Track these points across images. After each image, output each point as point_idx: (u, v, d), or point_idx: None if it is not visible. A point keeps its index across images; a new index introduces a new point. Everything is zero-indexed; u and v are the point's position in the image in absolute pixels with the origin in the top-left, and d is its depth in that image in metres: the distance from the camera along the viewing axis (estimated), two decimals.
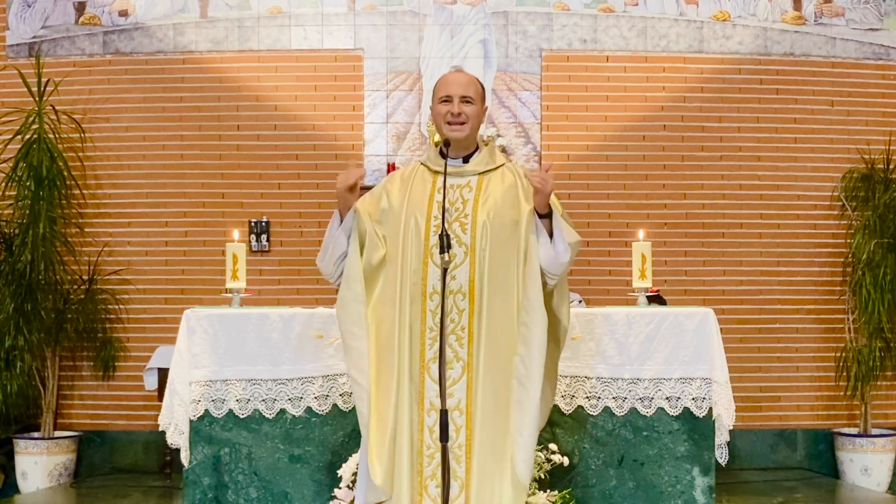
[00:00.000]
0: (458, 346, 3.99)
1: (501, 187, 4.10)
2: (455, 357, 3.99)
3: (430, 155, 4.21)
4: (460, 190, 4.09)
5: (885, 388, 7.95)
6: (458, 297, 3.99)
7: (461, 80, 4.17)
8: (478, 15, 8.13)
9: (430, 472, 3.96)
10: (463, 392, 3.97)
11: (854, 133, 8.05)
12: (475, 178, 4.12)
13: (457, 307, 3.99)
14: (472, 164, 4.14)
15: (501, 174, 4.16)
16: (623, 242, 7.50)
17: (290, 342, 4.84)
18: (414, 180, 4.15)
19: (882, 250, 7.68)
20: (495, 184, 4.11)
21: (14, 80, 7.84)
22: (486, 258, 4.01)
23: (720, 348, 4.82)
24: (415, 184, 4.14)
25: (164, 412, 4.80)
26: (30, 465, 7.46)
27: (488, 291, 4.00)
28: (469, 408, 3.97)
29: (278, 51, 8.11)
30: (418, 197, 4.10)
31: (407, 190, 4.13)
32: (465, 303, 3.99)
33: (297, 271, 7.94)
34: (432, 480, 3.95)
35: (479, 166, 4.14)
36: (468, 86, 4.13)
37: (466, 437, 3.96)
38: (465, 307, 3.99)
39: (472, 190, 4.10)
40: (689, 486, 4.83)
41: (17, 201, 7.68)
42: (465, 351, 3.99)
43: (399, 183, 4.18)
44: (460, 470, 3.96)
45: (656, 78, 8.11)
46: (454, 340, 3.99)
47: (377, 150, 8.05)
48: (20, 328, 7.41)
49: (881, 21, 8.15)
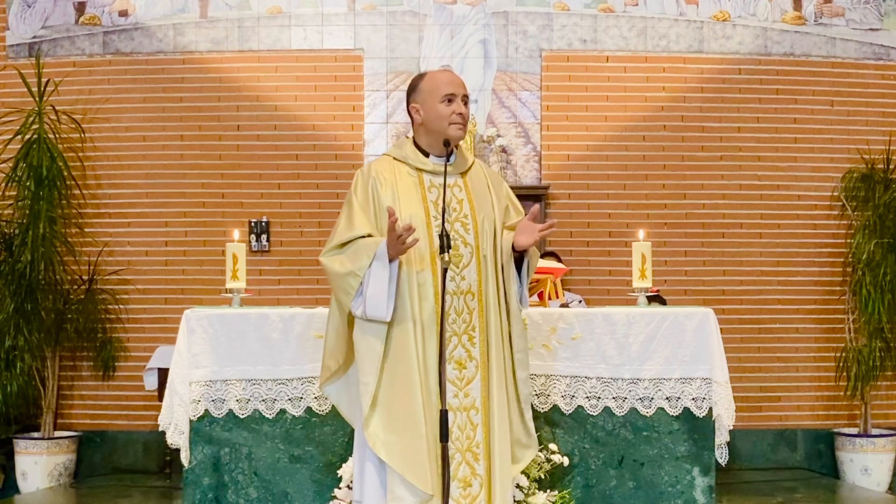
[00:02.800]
0: (470, 345, 3.99)
1: (482, 187, 4.14)
2: (468, 356, 3.99)
3: (406, 151, 4.12)
4: (451, 189, 4.07)
5: (885, 388, 7.95)
6: (469, 297, 3.99)
7: (459, 79, 4.15)
8: (478, 15, 8.13)
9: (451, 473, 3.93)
10: (478, 391, 3.98)
11: (854, 133, 8.05)
12: (459, 177, 4.12)
13: (467, 307, 3.99)
14: (457, 164, 4.13)
15: (476, 173, 4.17)
16: (623, 242, 7.51)
17: (290, 342, 4.83)
18: (398, 179, 4.07)
19: (882, 250, 7.68)
20: (477, 183, 4.13)
21: (14, 80, 7.84)
22: (487, 257, 4.03)
23: (720, 348, 4.82)
24: (400, 183, 4.06)
25: (164, 412, 4.80)
26: (30, 465, 7.46)
27: (492, 290, 4.02)
28: (486, 406, 3.98)
29: (278, 51, 8.11)
30: (408, 196, 4.04)
31: (392, 190, 4.05)
32: (474, 302, 3.99)
33: (297, 271, 7.94)
34: (453, 482, 3.93)
35: (460, 166, 4.14)
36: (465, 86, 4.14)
37: (484, 435, 3.97)
38: (476, 307, 3.99)
39: (461, 189, 4.09)
40: (689, 486, 4.83)
41: (17, 201, 7.69)
42: (478, 350, 3.99)
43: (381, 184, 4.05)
44: (480, 468, 3.96)
45: (656, 78, 8.11)
46: (466, 340, 3.99)
47: (377, 150, 8.05)
48: (20, 328, 7.42)
49: (881, 21, 8.15)
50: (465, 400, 3.96)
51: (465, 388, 3.97)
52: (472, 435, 3.96)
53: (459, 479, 3.95)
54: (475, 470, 3.96)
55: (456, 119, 4.04)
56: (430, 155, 4.11)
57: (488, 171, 4.26)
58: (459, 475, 3.95)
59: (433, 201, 4.03)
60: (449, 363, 3.96)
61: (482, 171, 4.21)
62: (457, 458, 3.95)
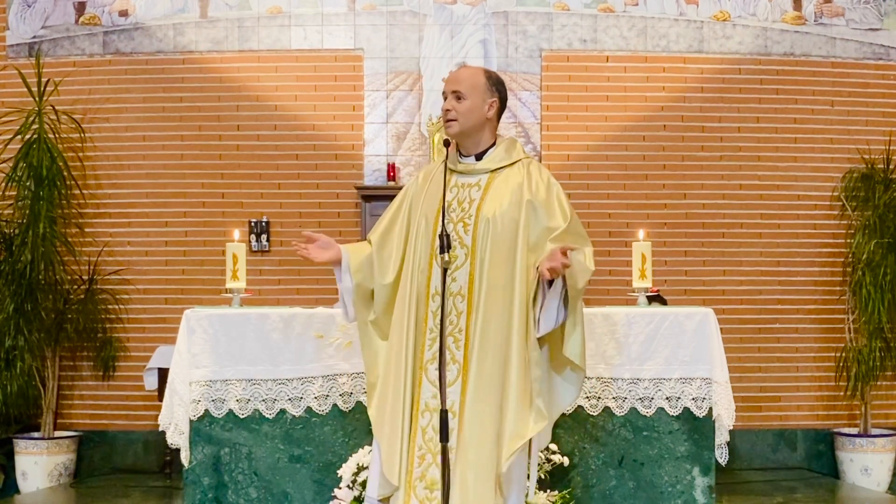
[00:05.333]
0: (454, 348, 3.96)
1: (509, 186, 4.00)
2: (451, 359, 3.95)
3: (450, 152, 4.13)
4: (469, 189, 4.04)
5: (885, 388, 7.95)
6: (458, 298, 3.96)
7: (454, 75, 4.10)
8: (478, 15, 8.13)
9: (419, 473, 3.91)
10: (457, 395, 3.92)
11: (854, 133, 8.05)
12: (486, 176, 4.04)
13: (455, 309, 3.96)
14: (484, 162, 4.06)
15: (516, 171, 4.04)
16: (623, 242, 7.51)
17: (290, 342, 4.83)
18: (433, 179, 4.13)
19: (882, 250, 7.68)
20: (504, 182, 4.01)
21: (14, 80, 7.84)
22: (485, 260, 3.94)
23: (720, 348, 4.82)
24: (432, 183, 4.12)
25: (164, 412, 4.80)
26: (30, 465, 7.46)
27: (485, 293, 3.93)
28: (462, 411, 3.90)
29: (278, 51, 8.11)
30: (431, 196, 4.07)
31: (424, 189, 4.12)
32: (463, 304, 3.95)
33: (297, 271, 7.94)
34: (420, 482, 3.90)
35: (490, 164, 4.05)
36: (460, 81, 4.04)
37: (458, 439, 3.89)
38: (464, 309, 3.95)
39: (479, 189, 4.03)
40: (689, 486, 4.83)
41: (17, 201, 7.68)
42: (461, 353, 3.95)
43: (421, 181, 4.18)
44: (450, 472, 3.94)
45: (656, 78, 8.11)
46: (451, 342, 3.96)
47: (377, 150, 8.05)
48: (20, 328, 7.42)
49: (881, 21, 8.15)
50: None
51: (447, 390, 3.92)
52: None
53: (427, 480, 3.91)
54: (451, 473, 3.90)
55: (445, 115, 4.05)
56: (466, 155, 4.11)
57: (535, 171, 4.07)
58: (427, 476, 3.91)
59: (449, 201, 4.01)
60: (432, 363, 3.95)
61: (525, 170, 4.05)
62: (427, 458, 3.92)
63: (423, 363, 3.96)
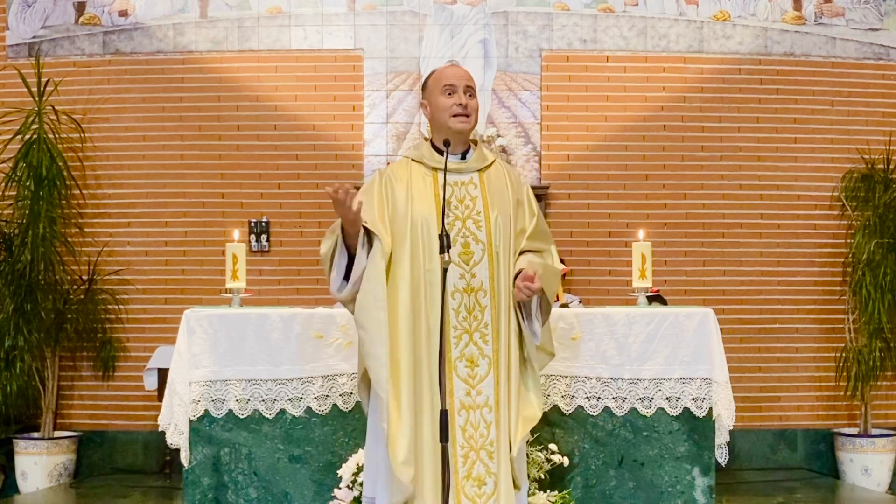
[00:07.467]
0: (482, 343, 3.97)
1: (500, 185, 4.09)
2: (480, 354, 3.96)
3: (423, 152, 4.10)
4: (465, 187, 4.04)
5: (885, 388, 7.95)
6: (480, 294, 3.96)
7: (462, 72, 4.10)
8: (478, 15, 8.13)
9: (465, 471, 3.93)
10: (491, 389, 3.96)
11: (854, 133, 8.05)
12: (476, 174, 4.08)
13: (479, 304, 3.97)
14: (472, 161, 4.09)
15: (497, 170, 4.14)
16: (623, 242, 7.51)
17: (290, 342, 4.83)
18: (412, 179, 4.06)
19: (882, 250, 7.68)
20: (496, 180, 4.09)
21: (14, 80, 7.84)
22: (500, 254, 4.00)
23: (720, 348, 4.81)
24: (414, 182, 4.05)
25: (163, 412, 4.79)
26: (30, 465, 7.46)
27: (505, 287, 3.99)
28: (498, 404, 3.96)
29: (278, 51, 8.11)
30: (421, 196, 4.03)
31: (406, 189, 4.04)
32: (486, 300, 3.96)
33: (297, 271, 7.94)
34: (468, 480, 3.92)
35: (478, 163, 4.09)
36: (470, 78, 4.08)
37: (497, 433, 3.95)
38: (488, 304, 3.96)
39: (476, 187, 4.05)
40: (689, 486, 4.82)
41: (17, 201, 7.69)
42: (490, 347, 3.97)
43: (396, 183, 4.06)
44: (493, 466, 3.94)
45: (656, 78, 8.11)
46: (479, 338, 3.97)
47: (377, 150, 8.05)
48: (20, 328, 7.42)
49: (881, 21, 8.15)
50: (477, 398, 3.95)
51: (477, 386, 3.96)
52: (485, 433, 3.94)
53: (474, 478, 3.93)
54: (489, 469, 3.94)
55: (456, 110, 3.98)
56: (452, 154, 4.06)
57: (509, 170, 4.21)
58: (474, 474, 3.93)
59: (447, 200, 4.00)
60: (460, 361, 3.95)
61: (502, 169, 4.17)
62: (471, 456, 3.94)
63: (452, 361, 3.95)
